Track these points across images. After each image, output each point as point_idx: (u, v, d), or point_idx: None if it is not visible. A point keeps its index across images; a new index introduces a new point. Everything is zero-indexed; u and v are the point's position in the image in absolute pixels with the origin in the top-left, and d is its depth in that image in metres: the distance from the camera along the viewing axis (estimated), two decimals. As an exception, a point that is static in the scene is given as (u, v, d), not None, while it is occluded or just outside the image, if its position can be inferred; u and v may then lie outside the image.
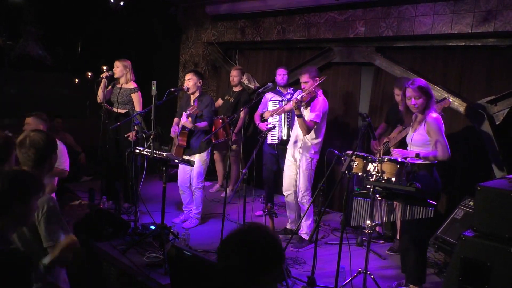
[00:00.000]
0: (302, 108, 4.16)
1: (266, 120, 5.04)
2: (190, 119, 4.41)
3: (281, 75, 5.13)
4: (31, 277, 1.62)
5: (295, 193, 4.39)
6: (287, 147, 4.50)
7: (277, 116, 4.91)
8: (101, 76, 4.80)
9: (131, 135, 4.70)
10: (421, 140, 3.34)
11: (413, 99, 3.32)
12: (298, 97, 4.04)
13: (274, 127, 4.73)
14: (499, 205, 2.55)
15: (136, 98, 4.92)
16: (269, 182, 5.18)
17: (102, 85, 4.82)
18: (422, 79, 3.44)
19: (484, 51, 4.47)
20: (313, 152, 4.26)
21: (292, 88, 5.22)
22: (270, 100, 5.11)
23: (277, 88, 5.22)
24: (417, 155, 3.26)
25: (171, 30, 7.35)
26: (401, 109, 4.24)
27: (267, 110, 5.12)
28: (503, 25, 3.97)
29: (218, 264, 1.45)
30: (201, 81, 4.63)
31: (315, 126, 4.16)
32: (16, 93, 6.81)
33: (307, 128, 4.10)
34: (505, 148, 4.23)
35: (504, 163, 4.14)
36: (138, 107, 4.89)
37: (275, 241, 1.44)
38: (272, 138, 4.97)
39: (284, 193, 4.51)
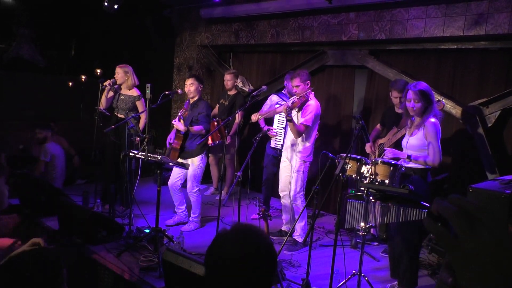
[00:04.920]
0: (294, 112, 4.19)
1: (272, 124, 5.13)
2: (182, 121, 4.42)
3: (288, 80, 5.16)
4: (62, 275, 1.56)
5: (290, 194, 4.41)
6: (282, 149, 4.54)
7: (284, 123, 4.94)
8: (104, 84, 4.79)
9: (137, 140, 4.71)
10: (419, 145, 3.34)
11: (412, 101, 3.32)
12: (289, 104, 4.05)
13: (276, 133, 4.87)
14: (491, 206, 2.58)
15: (141, 105, 4.97)
16: (268, 184, 5.20)
17: (105, 92, 4.83)
18: (425, 83, 3.38)
19: (475, 54, 4.52)
20: (305, 154, 4.28)
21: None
22: (277, 103, 5.12)
23: (283, 91, 5.24)
24: (408, 157, 3.29)
25: (165, 33, 7.36)
26: (398, 111, 4.28)
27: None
28: (494, 28, 4.01)
29: (208, 268, 1.28)
30: (201, 86, 4.71)
31: (307, 130, 4.18)
32: (9, 96, 6.77)
33: (297, 131, 4.13)
34: (497, 150, 4.27)
35: (496, 165, 4.18)
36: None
37: (274, 252, 1.31)
38: (276, 143, 5.01)
39: (280, 193, 4.53)
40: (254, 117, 4.71)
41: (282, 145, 4.87)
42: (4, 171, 2.33)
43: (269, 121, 5.33)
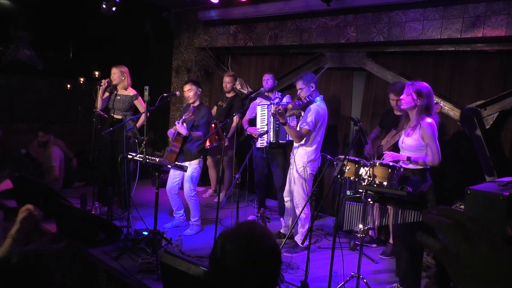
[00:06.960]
0: (295, 115, 4.19)
1: (255, 125, 5.09)
2: (185, 124, 4.42)
3: (265, 80, 5.16)
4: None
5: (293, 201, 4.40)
6: (291, 153, 4.51)
7: (266, 120, 4.95)
8: (100, 84, 4.81)
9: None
10: (415, 146, 3.32)
11: (404, 94, 3.29)
12: (281, 107, 3.95)
13: (266, 131, 4.77)
14: (489, 208, 2.58)
15: (139, 104, 4.98)
16: (260, 186, 5.20)
17: (100, 93, 4.84)
18: (425, 83, 3.31)
19: (473, 56, 4.53)
20: (306, 160, 4.18)
21: (279, 93, 5.28)
22: (258, 105, 5.13)
23: (264, 93, 5.26)
24: (408, 158, 3.29)
25: (163, 35, 7.36)
26: (396, 113, 4.29)
27: (255, 115, 5.16)
28: (491, 30, 4.03)
29: (212, 266, 1.28)
30: (200, 89, 4.70)
31: (308, 134, 4.12)
32: (8, 98, 6.77)
33: (296, 135, 4.08)
34: (495, 152, 4.28)
35: (494, 167, 4.19)
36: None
37: (278, 252, 1.31)
38: (260, 142, 4.99)
39: (284, 198, 4.51)
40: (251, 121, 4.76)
41: (267, 143, 4.87)
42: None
43: (253, 121, 5.35)
